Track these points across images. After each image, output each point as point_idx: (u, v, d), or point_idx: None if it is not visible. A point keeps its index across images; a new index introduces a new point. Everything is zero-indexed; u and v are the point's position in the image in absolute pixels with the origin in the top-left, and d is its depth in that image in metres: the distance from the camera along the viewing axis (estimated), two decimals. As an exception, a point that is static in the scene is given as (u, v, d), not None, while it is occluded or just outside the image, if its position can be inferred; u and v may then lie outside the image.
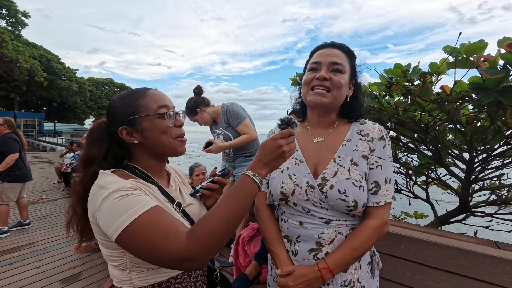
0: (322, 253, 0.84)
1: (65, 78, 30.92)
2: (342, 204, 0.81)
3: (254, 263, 1.79)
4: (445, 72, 1.54)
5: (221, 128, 2.25)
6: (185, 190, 0.86)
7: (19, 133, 3.62)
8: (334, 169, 0.86)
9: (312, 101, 0.89)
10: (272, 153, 0.67)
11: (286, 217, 0.93)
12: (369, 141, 0.89)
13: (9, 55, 19.78)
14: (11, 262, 2.74)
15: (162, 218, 0.58)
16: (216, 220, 0.57)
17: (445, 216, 2.09)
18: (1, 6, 22.69)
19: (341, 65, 0.88)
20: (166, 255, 0.54)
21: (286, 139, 0.69)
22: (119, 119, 0.72)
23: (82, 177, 0.71)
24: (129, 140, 0.72)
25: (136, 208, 0.57)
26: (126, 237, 0.56)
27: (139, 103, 0.72)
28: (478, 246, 1.15)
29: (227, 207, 0.59)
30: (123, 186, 0.60)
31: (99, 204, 0.59)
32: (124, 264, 0.64)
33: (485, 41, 1.29)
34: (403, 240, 1.29)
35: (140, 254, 0.57)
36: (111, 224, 0.57)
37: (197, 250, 0.54)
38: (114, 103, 0.75)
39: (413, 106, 1.72)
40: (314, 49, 0.97)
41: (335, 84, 0.86)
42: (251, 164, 0.68)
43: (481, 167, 1.83)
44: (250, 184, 0.64)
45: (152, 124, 0.72)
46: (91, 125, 0.80)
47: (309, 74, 0.91)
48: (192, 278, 0.75)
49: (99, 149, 0.72)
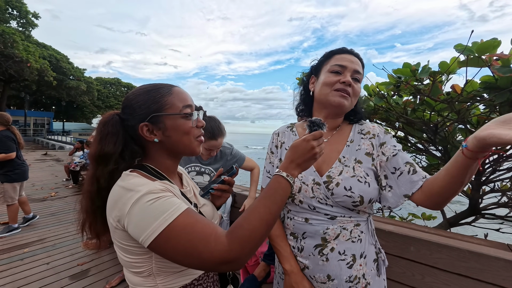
0: (327, 248, 0.86)
1: (73, 78, 31.41)
2: (348, 200, 0.84)
3: (262, 264, 1.79)
4: (456, 71, 1.51)
5: (210, 168, 1.92)
6: (196, 191, 0.87)
7: (15, 130, 3.50)
8: (339, 168, 0.89)
9: (336, 101, 0.90)
10: (305, 154, 0.67)
11: (292, 215, 0.95)
12: (371, 138, 0.93)
13: (20, 55, 20.19)
14: (22, 258, 2.81)
15: (198, 220, 0.57)
16: (256, 222, 0.57)
17: (454, 218, 2.05)
18: (12, 7, 23.14)
19: (361, 75, 0.92)
20: (207, 258, 0.54)
21: (317, 140, 0.69)
22: (140, 114, 0.68)
23: (96, 175, 0.66)
24: (149, 138, 0.69)
25: (171, 211, 0.56)
26: (162, 242, 0.54)
27: (165, 100, 0.69)
28: (490, 249, 1.12)
29: (266, 209, 0.59)
30: (154, 188, 0.58)
31: (129, 209, 0.56)
32: (149, 270, 0.62)
33: (498, 39, 1.26)
34: (413, 242, 1.27)
35: (177, 258, 0.56)
36: (145, 228, 0.55)
37: (239, 252, 0.54)
38: (135, 96, 0.70)
39: (422, 106, 1.69)
40: (333, 51, 0.97)
41: (355, 92, 0.91)
42: (283, 164, 0.68)
43: (492, 169, 1.79)
44: (285, 185, 0.64)
45: (176, 123, 0.69)
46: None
47: (332, 76, 0.91)
48: (210, 278, 0.75)
49: (114, 144, 0.67)
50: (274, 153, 1.07)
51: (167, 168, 0.75)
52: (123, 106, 0.72)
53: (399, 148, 0.88)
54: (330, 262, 0.85)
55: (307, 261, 0.89)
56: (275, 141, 1.09)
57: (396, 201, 0.84)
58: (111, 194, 0.62)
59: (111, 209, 0.61)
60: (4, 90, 24.86)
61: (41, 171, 8.53)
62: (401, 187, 0.84)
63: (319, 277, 0.87)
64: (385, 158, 0.88)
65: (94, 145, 0.68)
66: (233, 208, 2.34)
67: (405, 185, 0.83)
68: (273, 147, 1.09)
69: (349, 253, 0.85)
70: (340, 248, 0.85)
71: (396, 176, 0.85)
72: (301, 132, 1.05)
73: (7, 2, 22.23)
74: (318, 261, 0.87)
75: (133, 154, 0.71)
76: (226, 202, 1.06)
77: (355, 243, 0.86)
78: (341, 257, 0.85)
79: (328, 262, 0.86)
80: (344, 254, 0.85)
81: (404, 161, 0.85)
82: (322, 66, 0.98)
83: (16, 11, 23.70)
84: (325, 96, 0.92)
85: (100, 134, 0.68)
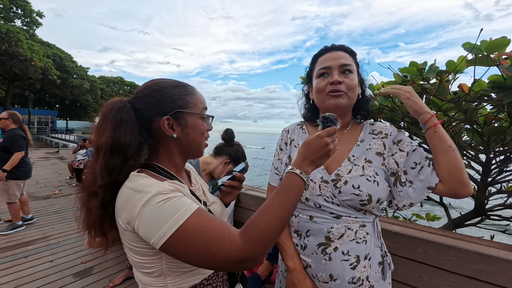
0: (331, 248, 0.85)
1: (77, 77, 31.60)
2: (356, 198, 0.83)
3: (266, 263, 1.79)
4: (463, 71, 1.49)
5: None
6: (204, 188, 0.86)
7: (25, 128, 3.56)
8: (348, 167, 0.88)
9: (332, 104, 0.89)
10: (319, 151, 0.66)
11: (297, 212, 0.94)
12: (383, 137, 0.92)
13: (24, 54, 20.36)
14: (26, 256, 2.82)
15: (209, 220, 0.56)
16: (271, 221, 0.56)
17: (460, 219, 2.03)
18: (17, 6, 23.32)
19: (350, 66, 0.90)
20: (221, 258, 0.53)
21: (331, 136, 0.68)
22: (164, 107, 0.66)
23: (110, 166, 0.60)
24: (168, 132, 0.67)
25: (182, 212, 0.55)
26: (174, 243, 0.54)
27: (190, 99, 0.70)
28: (500, 251, 1.10)
29: (280, 207, 0.58)
30: (164, 189, 0.57)
31: (139, 210, 0.55)
32: (160, 270, 0.62)
33: (507, 38, 1.24)
34: (420, 243, 1.25)
35: (191, 259, 0.55)
36: (156, 230, 0.54)
37: (254, 251, 0.54)
38: (161, 88, 0.67)
39: (428, 105, 1.67)
40: (316, 55, 0.98)
41: (349, 86, 0.89)
42: (296, 161, 0.67)
43: (499, 169, 1.76)
44: (298, 182, 0.63)
45: (196, 122, 0.71)
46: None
47: (320, 81, 0.92)
48: (220, 277, 0.74)
49: (131, 134, 0.62)
50: (283, 150, 1.07)
51: (176, 166, 0.73)
52: (140, 96, 0.68)
53: (416, 144, 0.88)
54: (333, 261, 0.84)
55: (309, 259, 0.89)
56: (284, 138, 1.09)
57: (420, 194, 0.83)
58: (120, 195, 0.61)
59: (120, 211, 0.59)
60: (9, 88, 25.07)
61: (44, 169, 8.59)
62: (424, 180, 0.83)
63: (321, 276, 0.87)
64: (405, 154, 0.87)
65: (106, 133, 0.60)
66: (237, 208, 2.33)
67: (428, 178, 0.82)
68: (282, 144, 1.08)
69: (353, 253, 0.84)
70: (343, 248, 0.84)
71: (417, 170, 0.84)
72: (311, 130, 1.04)
73: (11, 1, 22.41)
74: (321, 260, 0.86)
75: (151, 149, 0.69)
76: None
77: (359, 244, 0.85)
78: (345, 257, 0.84)
79: (331, 262, 0.85)
80: (347, 254, 0.84)
81: (423, 156, 0.85)
82: (312, 72, 0.99)
83: (20, 10, 23.88)
84: (322, 102, 0.93)
85: (113, 122, 0.61)
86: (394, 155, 0.89)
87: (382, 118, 1.96)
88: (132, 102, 0.67)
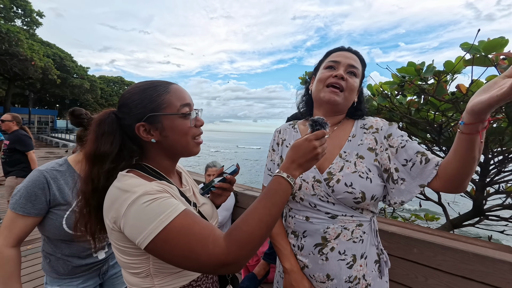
0: (327, 248, 0.85)
1: (77, 76, 31.64)
2: (349, 196, 0.82)
3: (262, 262, 1.79)
4: (461, 71, 1.49)
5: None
6: (195, 189, 0.85)
7: (27, 129, 3.63)
8: (340, 164, 0.88)
9: (326, 97, 0.90)
10: (307, 154, 0.65)
11: (293, 213, 0.94)
12: (374, 132, 0.91)
13: (24, 53, 20.39)
14: (25, 255, 2.83)
15: (195, 222, 0.56)
16: (256, 224, 0.56)
17: (458, 219, 2.03)
18: (17, 6, 23.33)
19: (357, 69, 0.92)
20: (205, 260, 0.52)
21: (319, 140, 0.67)
22: (136, 113, 0.66)
23: (91, 175, 0.64)
24: (146, 138, 0.66)
25: (168, 213, 0.54)
26: (159, 244, 0.53)
27: (162, 99, 0.66)
28: (495, 252, 1.11)
29: (265, 210, 0.58)
30: (151, 190, 0.57)
31: (125, 210, 0.55)
32: (147, 271, 0.61)
33: (505, 38, 1.24)
34: (416, 243, 1.26)
35: (175, 260, 0.55)
36: (141, 230, 0.53)
37: (237, 255, 0.53)
38: (131, 95, 0.67)
39: (426, 105, 1.67)
40: (331, 51, 0.99)
41: (349, 85, 0.90)
42: (284, 165, 0.66)
43: (497, 170, 1.76)
44: (285, 186, 0.62)
45: (173, 123, 0.67)
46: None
47: (326, 72, 0.93)
48: (209, 279, 0.73)
49: (111, 144, 0.65)
50: (276, 150, 1.07)
51: (166, 167, 0.73)
52: (119, 105, 0.70)
53: (406, 138, 0.86)
54: (330, 261, 0.85)
55: (306, 259, 0.89)
56: (276, 138, 1.09)
57: (411, 192, 0.82)
58: (108, 195, 0.61)
59: (108, 210, 0.60)
60: (9, 88, 25.09)
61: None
62: (416, 178, 0.81)
63: (318, 277, 0.87)
64: (394, 150, 0.85)
65: (89, 144, 0.65)
66: (236, 208, 2.33)
67: (420, 176, 0.80)
68: (274, 145, 1.08)
69: (349, 253, 0.84)
70: (340, 248, 0.84)
71: (409, 168, 0.82)
72: (303, 130, 1.04)
73: (12, 1, 22.42)
74: (318, 260, 0.86)
75: (131, 153, 0.69)
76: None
77: (356, 243, 0.85)
78: (341, 257, 0.84)
79: (328, 262, 0.85)
80: (344, 254, 0.84)
81: (414, 151, 0.82)
82: (320, 65, 0.99)
83: (20, 10, 23.90)
84: (318, 92, 0.93)
85: (96, 133, 0.65)
86: (386, 150, 0.87)
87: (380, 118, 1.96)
88: (116, 113, 0.69)
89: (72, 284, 1.12)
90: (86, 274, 1.15)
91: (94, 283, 1.19)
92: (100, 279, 1.23)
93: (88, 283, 1.17)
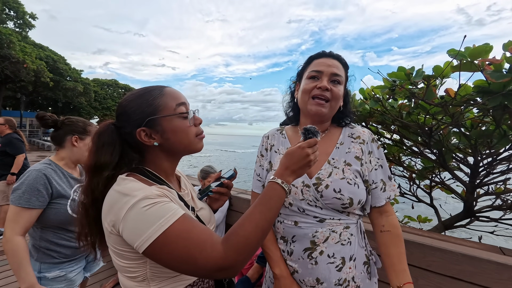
0: (316, 252, 0.86)
1: (70, 79, 31.25)
2: (337, 202, 0.85)
3: (256, 266, 1.79)
4: (450, 75, 1.53)
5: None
6: (194, 194, 0.86)
7: (21, 133, 3.62)
8: (328, 170, 0.90)
9: (313, 110, 0.92)
10: (300, 161, 0.68)
11: (282, 218, 0.95)
12: (361, 143, 0.95)
13: (16, 56, 20.07)
14: None
15: (194, 226, 0.57)
16: (252, 229, 0.57)
17: (449, 220, 2.06)
18: (9, 8, 23.02)
19: (340, 77, 0.93)
20: (202, 265, 0.53)
21: (312, 148, 0.70)
22: (135, 119, 0.67)
23: (91, 186, 0.66)
24: (148, 142, 0.68)
25: (167, 217, 0.55)
26: (157, 248, 0.54)
27: (158, 102, 0.68)
28: (483, 252, 1.13)
29: (261, 215, 0.60)
30: (151, 194, 0.58)
31: (125, 214, 0.55)
32: (144, 275, 0.62)
33: (490, 45, 1.27)
34: (406, 245, 1.25)
35: (173, 265, 0.55)
36: (140, 234, 0.54)
37: (234, 260, 0.54)
38: (128, 102, 0.69)
39: (417, 109, 1.70)
40: (312, 57, 1.00)
41: (334, 95, 0.92)
42: (278, 171, 0.69)
43: (486, 172, 1.80)
44: (280, 192, 0.65)
45: (172, 124, 0.69)
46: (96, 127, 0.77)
47: (309, 83, 0.94)
48: (205, 283, 0.74)
49: (111, 154, 0.66)
50: (264, 156, 1.08)
51: (166, 170, 0.74)
52: (117, 114, 0.71)
53: (381, 162, 0.94)
54: (319, 265, 0.85)
55: (296, 264, 0.89)
56: (265, 144, 1.09)
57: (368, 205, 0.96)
58: (107, 198, 0.62)
59: (107, 213, 0.60)
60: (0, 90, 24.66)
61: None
62: (372, 198, 0.94)
63: (308, 281, 0.87)
64: (370, 168, 0.94)
65: (90, 156, 0.66)
66: (230, 211, 2.33)
67: (373, 198, 0.93)
68: (263, 150, 1.09)
69: (338, 256, 0.86)
70: (329, 251, 0.85)
71: (372, 188, 0.92)
72: (291, 135, 1.06)
73: (4, 3, 22.12)
74: (307, 265, 0.87)
75: (131, 161, 0.70)
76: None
77: (344, 246, 0.87)
78: (330, 260, 0.85)
79: (317, 266, 0.85)
80: (333, 257, 0.85)
81: (379, 178, 0.93)
82: (304, 72, 1.00)
83: (13, 11, 23.58)
84: (304, 104, 0.95)
85: (96, 145, 0.67)
86: (366, 163, 0.93)
87: (373, 122, 1.99)
88: (115, 123, 0.71)
89: (71, 265, 1.32)
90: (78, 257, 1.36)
91: (82, 265, 1.41)
92: (85, 262, 1.45)
93: (80, 264, 1.39)
